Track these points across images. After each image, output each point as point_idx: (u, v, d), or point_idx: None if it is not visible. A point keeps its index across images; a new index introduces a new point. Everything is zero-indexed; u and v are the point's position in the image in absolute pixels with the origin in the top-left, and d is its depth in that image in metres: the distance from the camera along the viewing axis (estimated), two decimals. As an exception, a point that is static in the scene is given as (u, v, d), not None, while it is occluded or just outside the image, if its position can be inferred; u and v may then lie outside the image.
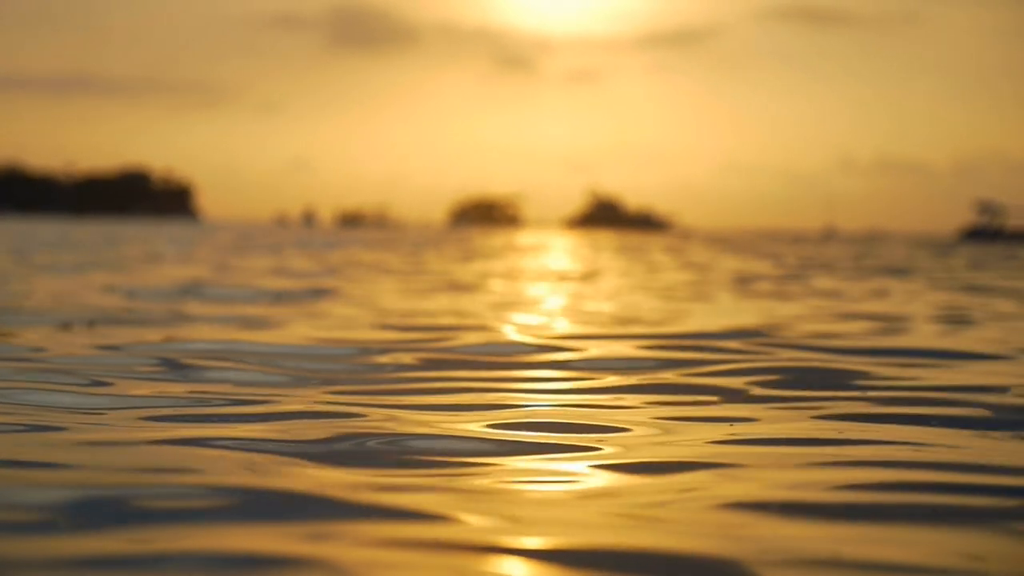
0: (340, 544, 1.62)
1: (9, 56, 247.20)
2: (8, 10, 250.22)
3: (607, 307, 6.72)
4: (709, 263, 14.22)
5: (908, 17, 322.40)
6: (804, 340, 4.77)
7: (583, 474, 2.13)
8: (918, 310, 7.06)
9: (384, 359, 3.99)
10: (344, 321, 5.55)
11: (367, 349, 4.24)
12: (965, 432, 2.67)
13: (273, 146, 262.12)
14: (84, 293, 7.07)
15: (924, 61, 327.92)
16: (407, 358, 4.01)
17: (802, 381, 3.45)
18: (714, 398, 3.11)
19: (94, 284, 8.12)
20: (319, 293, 7.63)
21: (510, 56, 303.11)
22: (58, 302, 6.29)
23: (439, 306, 6.63)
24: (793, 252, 21.54)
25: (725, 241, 31.56)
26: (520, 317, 5.88)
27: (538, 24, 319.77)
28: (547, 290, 8.63)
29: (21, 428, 2.55)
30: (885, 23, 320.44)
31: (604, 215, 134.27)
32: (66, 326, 4.80)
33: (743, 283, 9.64)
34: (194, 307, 6.22)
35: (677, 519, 1.79)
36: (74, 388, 3.13)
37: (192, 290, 7.70)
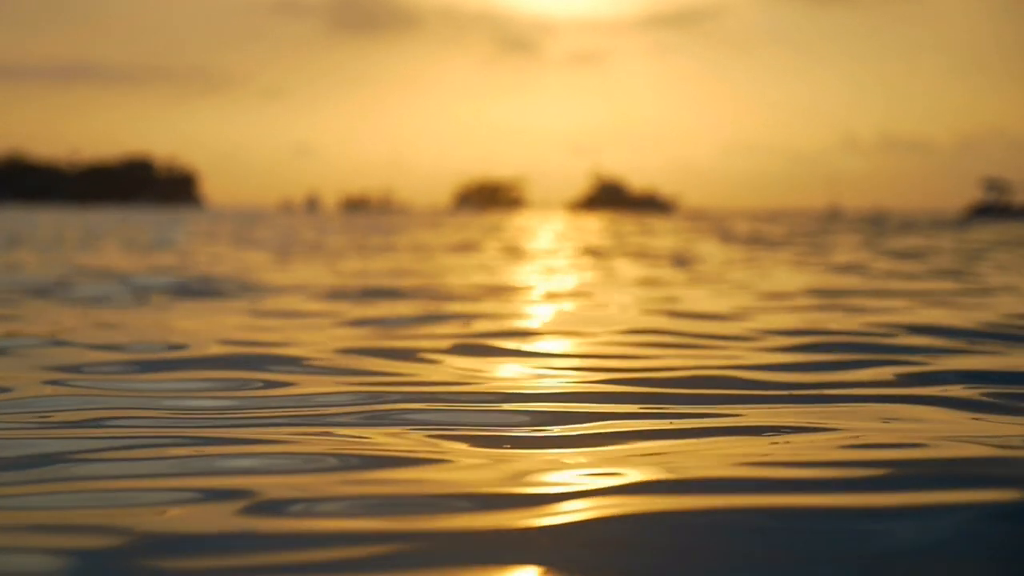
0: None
1: (12, 45, 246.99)
2: (11, 0, 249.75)
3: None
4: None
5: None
6: None
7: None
8: None
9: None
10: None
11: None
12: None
13: (276, 132, 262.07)
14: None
15: (925, 39, 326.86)
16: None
17: None
18: None
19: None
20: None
21: (512, 39, 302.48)
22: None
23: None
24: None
25: (760, 227, 30.60)
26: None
27: (540, 6, 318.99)
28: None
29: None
30: (886, 2, 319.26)
31: (608, 197, 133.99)
32: None
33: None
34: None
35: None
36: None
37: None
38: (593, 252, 13.14)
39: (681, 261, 10.81)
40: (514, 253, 13.02)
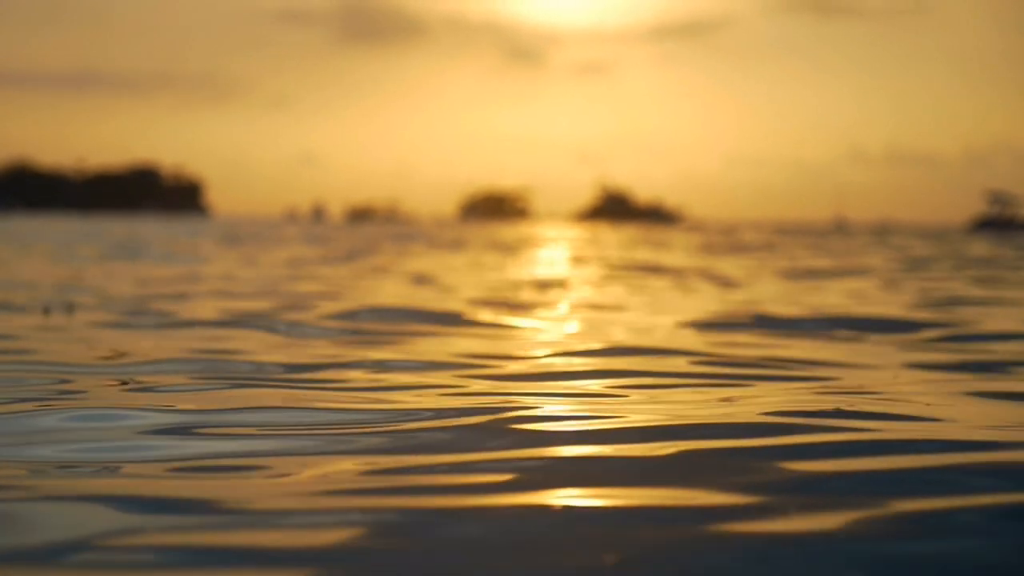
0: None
1: (18, 52, 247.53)
2: (17, 6, 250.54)
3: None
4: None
5: (916, 7, 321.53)
6: None
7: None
8: None
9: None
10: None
11: None
12: None
13: (282, 141, 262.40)
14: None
15: (932, 51, 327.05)
16: None
17: None
18: None
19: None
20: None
21: (519, 48, 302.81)
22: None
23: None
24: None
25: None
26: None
27: (546, 16, 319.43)
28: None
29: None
30: (893, 13, 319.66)
31: (614, 208, 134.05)
32: None
33: None
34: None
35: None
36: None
37: None
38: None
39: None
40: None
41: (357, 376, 3.56)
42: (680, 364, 3.92)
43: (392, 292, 7.77)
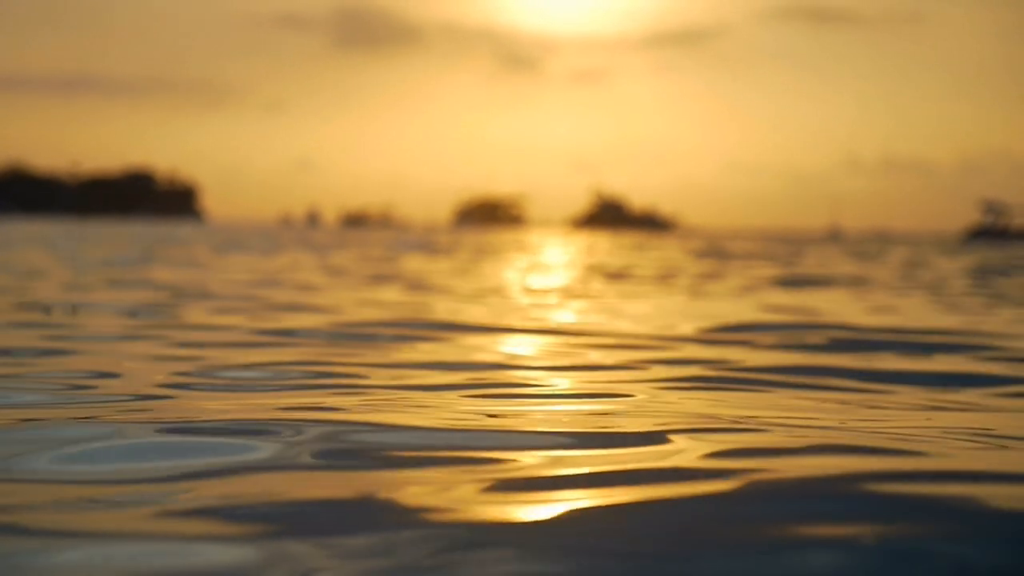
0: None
1: (14, 56, 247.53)
2: (12, 10, 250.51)
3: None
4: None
5: (912, 16, 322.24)
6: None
7: None
8: None
9: None
10: None
11: None
12: None
13: (277, 146, 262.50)
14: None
15: (929, 60, 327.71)
16: None
17: None
18: None
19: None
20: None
21: (514, 56, 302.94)
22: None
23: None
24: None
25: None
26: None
27: (542, 24, 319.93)
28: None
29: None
30: (889, 22, 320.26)
31: (609, 215, 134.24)
32: None
33: None
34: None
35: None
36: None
37: None
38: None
39: None
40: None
41: (379, 373, 3.66)
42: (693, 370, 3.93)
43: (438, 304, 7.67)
